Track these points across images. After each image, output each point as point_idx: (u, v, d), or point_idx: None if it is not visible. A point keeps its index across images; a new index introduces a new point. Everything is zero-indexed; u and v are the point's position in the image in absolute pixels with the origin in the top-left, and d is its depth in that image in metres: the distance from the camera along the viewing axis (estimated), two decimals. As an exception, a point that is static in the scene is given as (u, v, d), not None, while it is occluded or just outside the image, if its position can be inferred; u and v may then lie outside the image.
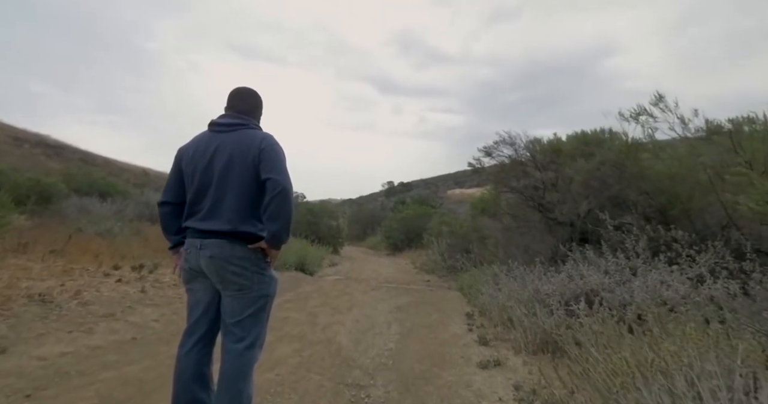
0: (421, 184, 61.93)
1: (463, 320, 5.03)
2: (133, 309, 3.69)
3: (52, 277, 4.02)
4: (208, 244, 1.86)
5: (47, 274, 4.06)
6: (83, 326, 3.03)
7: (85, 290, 3.81)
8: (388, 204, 30.02)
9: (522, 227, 7.24)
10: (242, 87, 2.08)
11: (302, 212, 14.78)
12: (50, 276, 4.04)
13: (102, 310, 3.44)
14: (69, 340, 2.73)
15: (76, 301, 3.49)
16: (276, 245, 1.92)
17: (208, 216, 1.88)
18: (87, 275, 4.39)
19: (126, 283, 4.41)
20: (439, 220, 14.31)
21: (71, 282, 3.97)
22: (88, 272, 4.48)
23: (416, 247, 15.91)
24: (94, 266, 4.77)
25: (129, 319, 3.41)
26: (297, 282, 6.98)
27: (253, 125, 2.00)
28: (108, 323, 3.19)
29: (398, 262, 14.87)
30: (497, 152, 7.66)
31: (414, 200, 25.69)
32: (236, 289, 1.87)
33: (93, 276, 4.40)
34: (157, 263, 5.26)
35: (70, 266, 4.42)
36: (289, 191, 1.83)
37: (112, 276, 4.57)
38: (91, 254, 5.21)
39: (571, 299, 4.05)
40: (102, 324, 3.17)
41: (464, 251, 10.08)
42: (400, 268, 12.96)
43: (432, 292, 7.62)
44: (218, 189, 1.88)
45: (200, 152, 1.92)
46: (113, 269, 4.88)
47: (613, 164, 5.12)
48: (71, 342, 2.70)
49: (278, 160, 1.87)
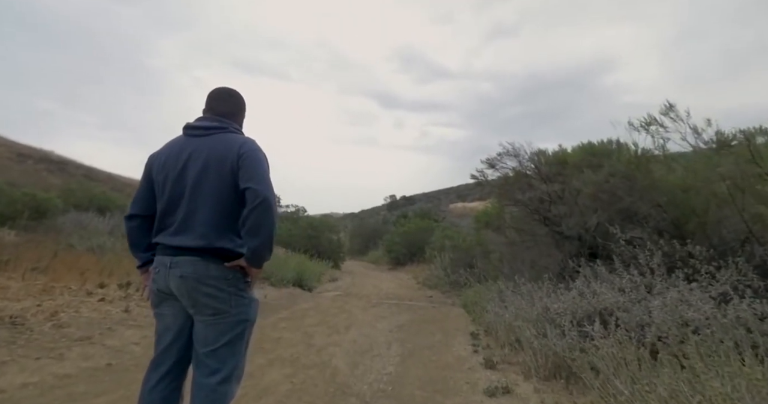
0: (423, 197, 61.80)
1: (467, 340, 4.75)
2: (113, 330, 3.45)
3: (29, 297, 3.79)
4: (179, 262, 1.64)
5: (25, 293, 3.82)
6: (54, 351, 2.79)
7: (63, 311, 3.57)
8: (390, 218, 29.77)
9: (527, 241, 6.99)
10: (223, 87, 1.88)
11: (302, 226, 14.56)
12: (27, 296, 3.81)
13: (78, 333, 3.20)
14: (35, 368, 2.49)
15: (51, 323, 3.25)
16: (256, 264, 1.69)
17: (179, 231, 1.66)
18: (68, 294, 4.16)
19: (110, 302, 4.17)
20: (441, 234, 14.06)
21: (50, 302, 3.74)
22: (69, 291, 4.25)
23: (419, 261, 15.64)
24: (78, 285, 4.53)
25: (107, 342, 3.16)
26: (294, 299, 6.72)
27: (234, 128, 1.79)
28: (82, 347, 2.95)
29: (400, 277, 14.57)
30: (501, 164, 7.46)
31: (416, 213, 25.44)
32: (210, 313, 1.64)
33: (75, 295, 4.16)
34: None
35: (52, 284, 4.19)
36: (271, 202, 1.61)
37: (96, 295, 4.33)
38: (77, 271, 4.98)
39: (583, 319, 3.78)
40: (76, 348, 2.93)
41: (468, 266, 9.82)
42: (401, 283, 12.66)
43: (435, 309, 7.33)
44: (191, 200, 1.66)
45: (172, 158, 1.72)
46: (98, 287, 4.64)
47: (623, 176, 4.90)
48: (37, 371, 2.46)
49: (259, 167, 1.66)
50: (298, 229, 14.31)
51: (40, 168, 21.86)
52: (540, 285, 4.95)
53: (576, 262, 5.15)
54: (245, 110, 1.93)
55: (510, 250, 7.44)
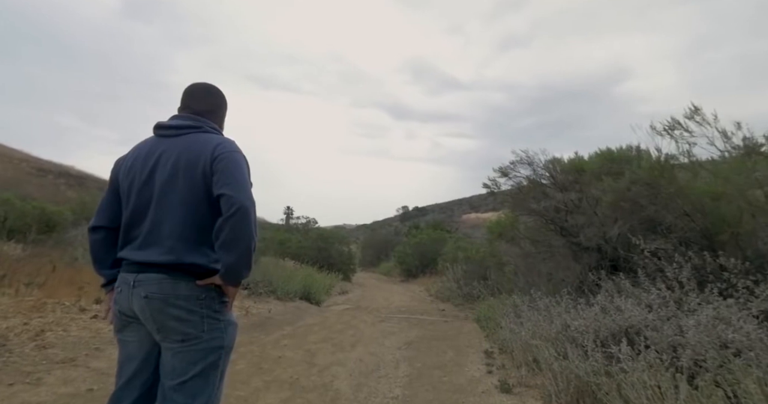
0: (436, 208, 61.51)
1: (481, 359, 4.45)
2: (101, 351, 3.25)
3: (18, 314, 3.63)
4: (144, 280, 1.42)
5: (14, 310, 3.66)
6: (31, 376, 2.59)
7: (50, 330, 3.39)
8: (402, 229, 29.46)
9: (543, 252, 6.67)
10: (200, 83, 1.68)
11: (313, 238, 14.38)
12: (17, 313, 3.64)
13: (62, 354, 3.01)
14: (5, 396, 2.29)
15: (34, 344, 3.06)
16: (233, 281, 1.47)
17: (145, 244, 1.46)
18: (60, 310, 3.99)
19: (102, 319, 3.99)
20: (454, 245, 13.77)
21: (39, 320, 3.57)
22: (62, 308, 4.08)
23: (431, 273, 15.33)
24: (73, 300, 4.37)
25: (91, 365, 2.96)
26: (299, 314, 6.47)
27: (210, 127, 1.58)
28: (64, 370, 2.75)
29: (412, 289, 14.25)
30: (514, 173, 7.18)
31: (428, 224, 25.13)
32: (179, 340, 1.42)
33: (67, 312, 3.99)
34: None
35: (45, 300, 4.04)
36: (248, 211, 1.39)
37: (89, 311, 4.16)
38: (76, 286, 4.84)
39: (608, 338, 3.47)
40: (57, 371, 2.73)
41: (481, 278, 9.52)
42: (413, 296, 12.35)
43: (446, 324, 7.01)
44: (158, 209, 1.45)
45: (139, 162, 1.51)
46: (94, 302, 4.48)
47: (645, 183, 4.59)
48: (7, 399, 2.26)
49: (236, 171, 1.45)
50: (309, 241, 14.14)
51: (59, 183, 22.22)
52: (558, 300, 4.65)
53: (596, 275, 4.84)
54: (225, 109, 1.73)
55: (525, 262, 7.12)
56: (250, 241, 1.41)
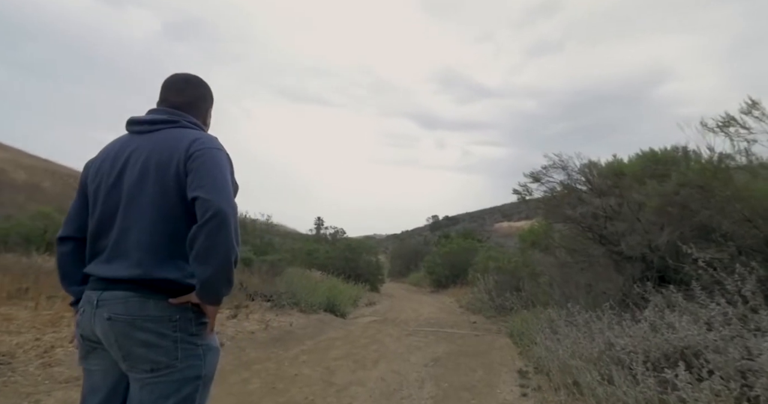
0: (466, 217, 60.59)
1: (514, 379, 4.08)
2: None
3: (33, 329, 3.57)
4: (108, 299, 1.22)
5: (30, 325, 3.62)
6: (30, 397, 2.47)
7: (61, 346, 3.30)
8: (432, 239, 29.00)
9: (581, 262, 6.21)
10: (180, 73, 1.47)
11: (340, 248, 14.25)
12: (31, 328, 3.60)
13: (67, 373, 2.88)
14: (-2, 419, 2.17)
15: (41, 361, 2.96)
16: (210, 299, 1.25)
17: (112, 257, 1.26)
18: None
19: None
20: (485, 254, 13.31)
21: (52, 335, 3.49)
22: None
23: (461, 284, 14.87)
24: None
25: (97, 384, 2.83)
26: (322, 327, 6.26)
27: (188, 122, 1.37)
28: (66, 391, 2.61)
29: (442, 300, 13.83)
30: (547, 178, 6.77)
31: (459, 233, 24.60)
32: (147, 370, 1.21)
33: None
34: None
35: (63, 314, 4.00)
36: (226, 216, 1.17)
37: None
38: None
39: (660, 360, 3.06)
40: (58, 392, 2.60)
41: (514, 289, 9.08)
42: (443, 307, 11.95)
43: (477, 338, 6.63)
44: (126, 216, 1.25)
45: (108, 163, 1.32)
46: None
47: (696, 186, 4.13)
48: (-1, 422, 2.14)
49: (215, 170, 1.23)
50: (336, 251, 14.01)
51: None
52: (599, 314, 4.24)
53: (642, 287, 4.39)
54: (209, 101, 1.52)
55: (561, 272, 6.67)
56: (228, 252, 1.20)
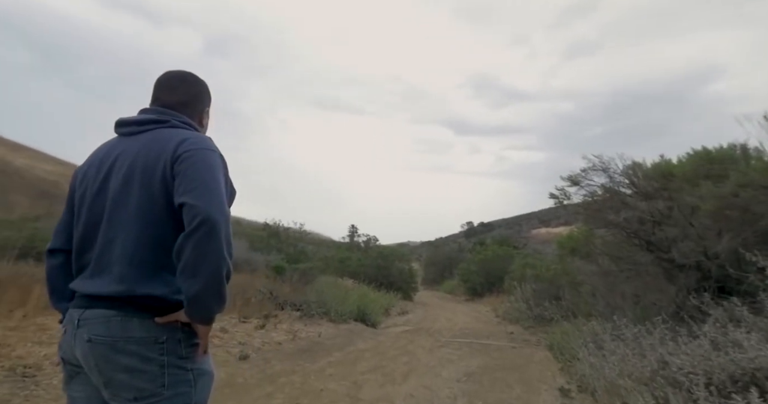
0: (502, 224, 59.32)
1: (555, 398, 3.77)
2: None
3: (63, 336, 3.61)
4: (90, 319, 1.11)
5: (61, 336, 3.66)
6: (49, 409, 2.45)
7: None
8: (466, 246, 28.42)
9: (626, 270, 5.77)
10: (173, 71, 1.35)
11: (372, 256, 14.13)
12: (62, 335, 3.64)
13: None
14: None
15: (65, 370, 2.96)
16: (201, 318, 1.12)
17: (96, 271, 1.15)
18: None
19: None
20: (522, 262, 12.83)
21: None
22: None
23: (498, 292, 14.40)
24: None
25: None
26: (351, 338, 6.10)
27: (179, 121, 1.25)
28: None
29: (477, 309, 13.41)
30: (587, 181, 6.39)
31: (494, 240, 23.97)
32: (131, 398, 1.08)
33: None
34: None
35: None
36: (216, 224, 1.03)
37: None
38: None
39: (726, 384, 2.70)
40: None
41: (553, 299, 8.64)
42: (479, 316, 11.55)
43: (515, 350, 6.28)
44: (110, 226, 1.14)
45: (94, 169, 1.21)
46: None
47: (761, 187, 3.72)
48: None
49: (205, 173, 1.10)
50: (368, 259, 13.90)
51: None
52: (649, 328, 3.86)
53: (698, 298, 3.97)
54: (206, 101, 1.39)
55: (604, 281, 6.23)
56: (219, 264, 1.06)
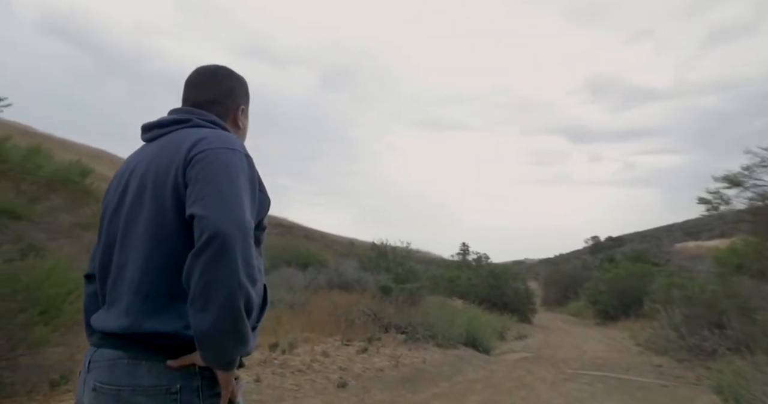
0: (636, 237, 52.75)
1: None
2: None
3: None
4: (97, 361, 0.93)
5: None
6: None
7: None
8: (593, 262, 25.56)
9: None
10: (204, 66, 1.17)
11: (483, 274, 13.33)
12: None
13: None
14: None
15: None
16: (217, 361, 0.87)
17: (110, 303, 0.98)
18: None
19: (246, 367, 3.90)
20: (666, 281, 10.93)
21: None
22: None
23: (636, 316, 12.53)
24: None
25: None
26: (460, 366, 5.55)
27: (202, 120, 1.04)
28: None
29: (611, 335, 11.69)
30: (752, 181, 5.10)
31: (626, 256, 21.12)
32: None
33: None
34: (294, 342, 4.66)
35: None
36: (228, 241, 0.81)
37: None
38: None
39: None
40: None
41: (714, 327, 7.05)
42: (613, 344, 10.03)
43: (666, 390, 5.13)
44: (123, 248, 0.97)
45: (116, 182, 1.07)
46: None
47: None
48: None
49: (220, 177, 0.88)
50: (479, 278, 13.15)
51: (275, 232, 26.86)
52: None
53: None
54: (241, 98, 1.17)
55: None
56: (233, 291, 0.81)
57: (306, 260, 16.10)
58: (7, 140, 2.74)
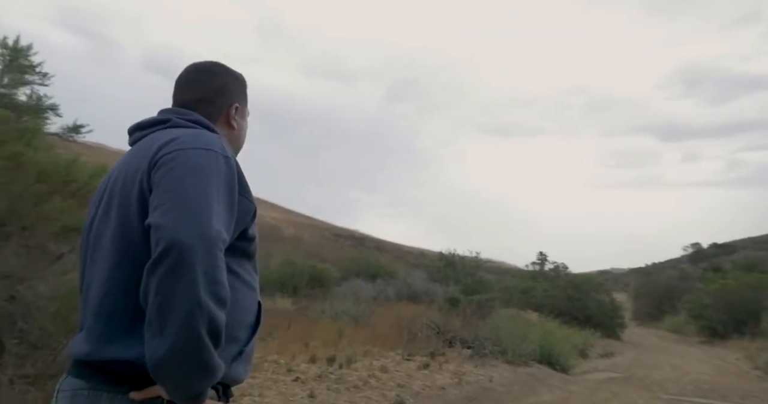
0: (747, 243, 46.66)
1: None
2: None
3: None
4: (63, 391, 0.87)
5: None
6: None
7: (248, 394, 3.42)
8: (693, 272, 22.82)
9: None
10: (195, 63, 1.10)
11: (561, 285, 12.39)
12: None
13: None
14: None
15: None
16: (180, 396, 0.78)
17: (81, 324, 0.95)
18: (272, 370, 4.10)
19: (301, 382, 3.86)
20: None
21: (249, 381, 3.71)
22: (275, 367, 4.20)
23: (752, 334, 10.90)
24: (288, 358, 4.51)
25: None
26: (532, 385, 5.09)
27: (183, 120, 0.96)
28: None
29: (720, 355, 10.21)
30: None
31: (736, 265, 18.59)
32: None
33: (276, 372, 4.08)
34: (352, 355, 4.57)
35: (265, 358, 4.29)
36: (185, 252, 0.72)
37: (294, 372, 4.15)
38: (303, 342, 5.10)
39: None
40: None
41: None
42: (722, 366, 8.75)
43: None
44: (91, 265, 0.91)
45: (97, 193, 1.01)
46: (310, 361, 4.51)
47: None
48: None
49: (185, 180, 0.79)
50: (556, 289, 12.25)
51: (347, 244, 27.45)
52: None
53: None
54: (234, 95, 1.07)
55: None
56: (192, 312, 0.70)
57: (375, 271, 16.16)
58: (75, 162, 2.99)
